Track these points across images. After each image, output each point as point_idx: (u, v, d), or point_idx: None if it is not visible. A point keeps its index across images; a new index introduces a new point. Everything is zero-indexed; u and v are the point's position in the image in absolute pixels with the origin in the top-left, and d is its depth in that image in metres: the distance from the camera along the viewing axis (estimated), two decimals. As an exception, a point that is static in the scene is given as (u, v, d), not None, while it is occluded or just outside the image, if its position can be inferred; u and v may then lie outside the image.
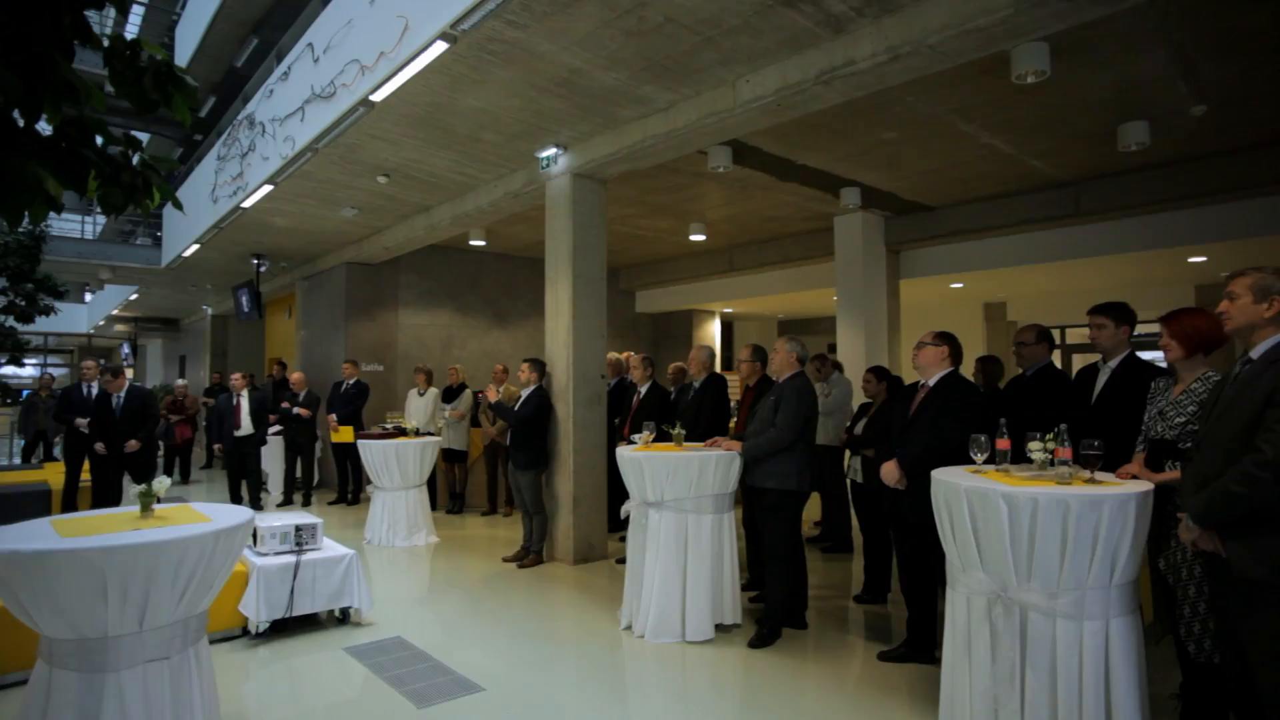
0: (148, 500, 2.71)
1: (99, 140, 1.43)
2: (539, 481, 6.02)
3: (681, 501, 4.08)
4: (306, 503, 8.74)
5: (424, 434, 7.16)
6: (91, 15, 1.41)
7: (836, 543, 6.26)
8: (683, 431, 4.54)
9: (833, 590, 5.18)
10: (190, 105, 1.51)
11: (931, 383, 3.71)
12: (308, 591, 4.21)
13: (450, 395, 8.24)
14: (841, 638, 4.24)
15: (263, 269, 10.84)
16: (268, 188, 7.52)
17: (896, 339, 9.03)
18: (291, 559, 4.19)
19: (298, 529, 4.32)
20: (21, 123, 1.23)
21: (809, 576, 4.48)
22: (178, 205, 1.57)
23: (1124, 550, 2.42)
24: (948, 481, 2.74)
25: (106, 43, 1.42)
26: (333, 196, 7.83)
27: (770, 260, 10.59)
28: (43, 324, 7.98)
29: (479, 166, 6.86)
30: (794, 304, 13.54)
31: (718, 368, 5.80)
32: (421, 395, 8.22)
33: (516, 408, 6.04)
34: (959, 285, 10.69)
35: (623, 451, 4.37)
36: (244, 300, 11.12)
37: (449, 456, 8.14)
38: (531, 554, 5.95)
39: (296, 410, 8.63)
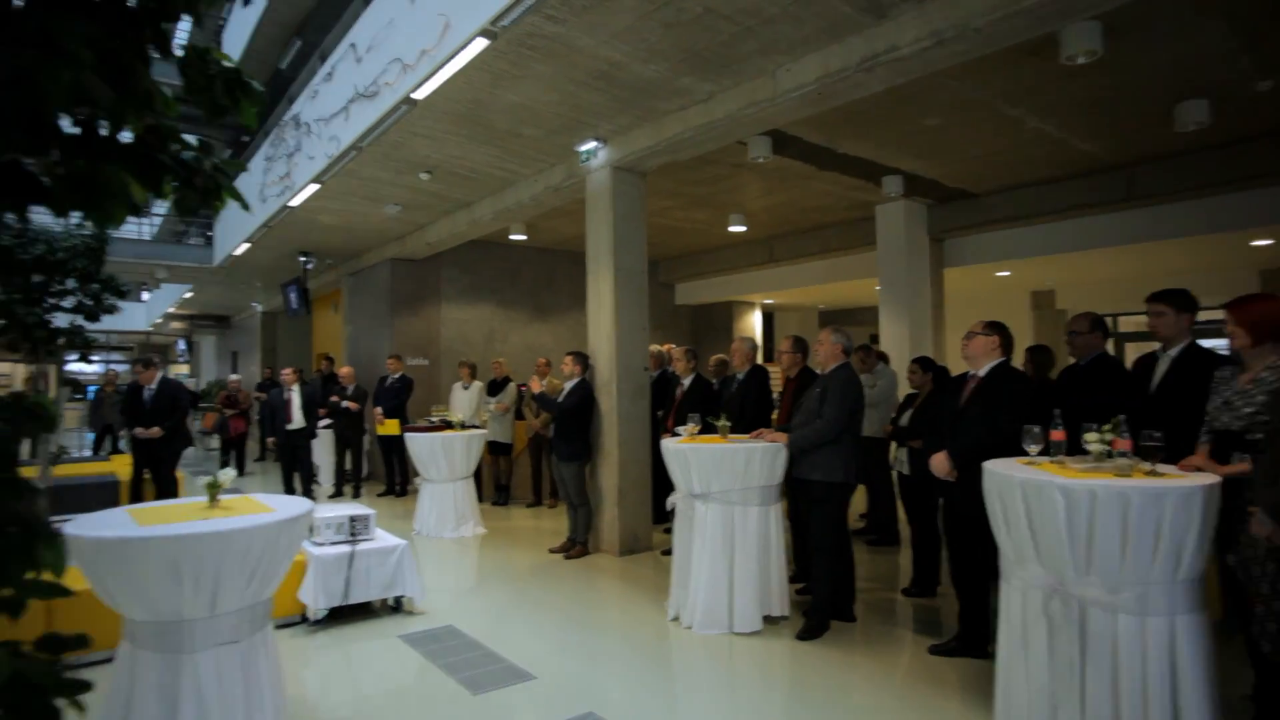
0: (214, 491, 2.82)
1: (171, 145, 1.49)
2: (582, 473, 6.08)
3: (728, 493, 4.08)
4: (356, 494, 8.94)
5: (469, 427, 7.28)
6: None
7: (882, 535, 6.21)
8: (728, 424, 4.55)
9: (879, 583, 5.14)
10: (256, 109, 1.55)
11: (982, 373, 3.65)
12: (362, 581, 4.33)
13: (495, 388, 8.36)
14: (890, 631, 4.21)
15: (310, 266, 11.09)
16: (314, 186, 7.69)
17: (941, 329, 8.88)
18: (347, 549, 4.31)
19: (352, 520, 4.44)
20: (106, 131, 1.29)
21: (855, 569, 4.46)
22: (245, 206, 1.63)
23: (1190, 545, 2.35)
24: (1001, 473, 2.70)
25: (180, 52, 1.47)
26: (377, 194, 7.97)
27: (811, 250, 10.49)
28: (105, 322, 8.33)
29: (519, 161, 6.92)
30: (835, 294, 13.40)
31: (759, 359, 5.77)
32: (466, 389, 8.35)
33: (560, 400, 6.11)
34: (1005, 274, 10.46)
35: (668, 444, 4.39)
36: (293, 297, 11.38)
37: (494, 449, 8.25)
38: (577, 545, 6.01)
39: (345, 404, 8.83)
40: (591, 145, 6.26)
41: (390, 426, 8.42)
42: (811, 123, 6.01)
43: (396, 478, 8.90)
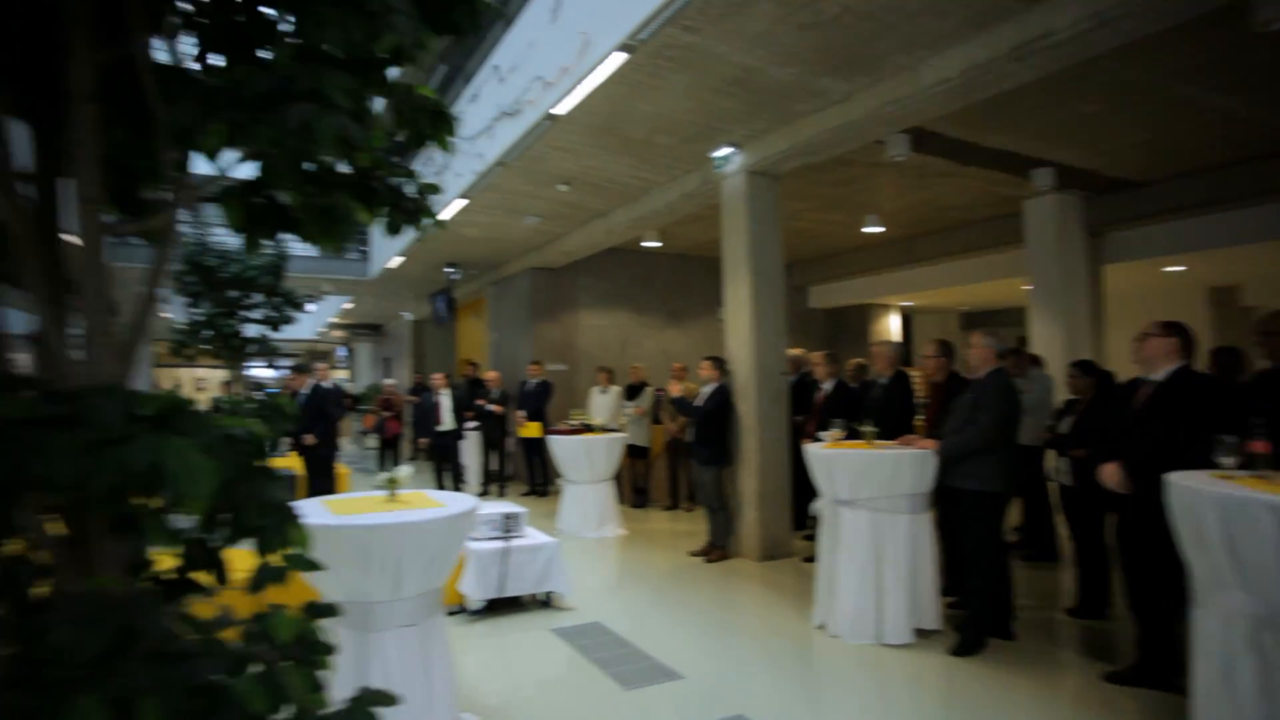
0: (394, 486, 3.08)
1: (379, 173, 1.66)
2: (721, 477, 6.11)
3: (875, 500, 3.99)
4: (501, 494, 9.39)
5: (608, 430, 7.49)
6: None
7: (1039, 550, 5.83)
8: (875, 429, 4.44)
9: (1040, 601, 4.83)
10: (450, 135, 1.70)
11: (1159, 378, 3.38)
12: (516, 575, 4.56)
13: (632, 393, 8.55)
14: (1054, 653, 3.96)
15: (455, 277, 11.76)
16: (462, 202, 8.18)
17: (1101, 330, 8.24)
18: (502, 544, 4.55)
19: (506, 517, 4.69)
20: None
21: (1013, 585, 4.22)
22: (441, 225, 1.78)
23: None
24: (1191, 487, 2.49)
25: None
26: (518, 206, 8.36)
27: (952, 250, 10.03)
28: (282, 331, 9.30)
29: (654, 170, 7.06)
30: (978, 295, 12.73)
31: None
32: (604, 393, 8.58)
33: (698, 404, 6.18)
34: (1178, 269, 9.56)
35: (812, 449, 4.34)
36: (441, 306, 12.10)
37: (631, 452, 8.41)
38: (717, 549, 6.05)
39: (490, 407, 9.30)
40: (726, 151, 6.30)
41: (532, 429, 8.79)
42: (953, 117, 5.76)
43: (537, 478, 9.28)
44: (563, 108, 5.58)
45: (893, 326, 13.71)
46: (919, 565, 4.03)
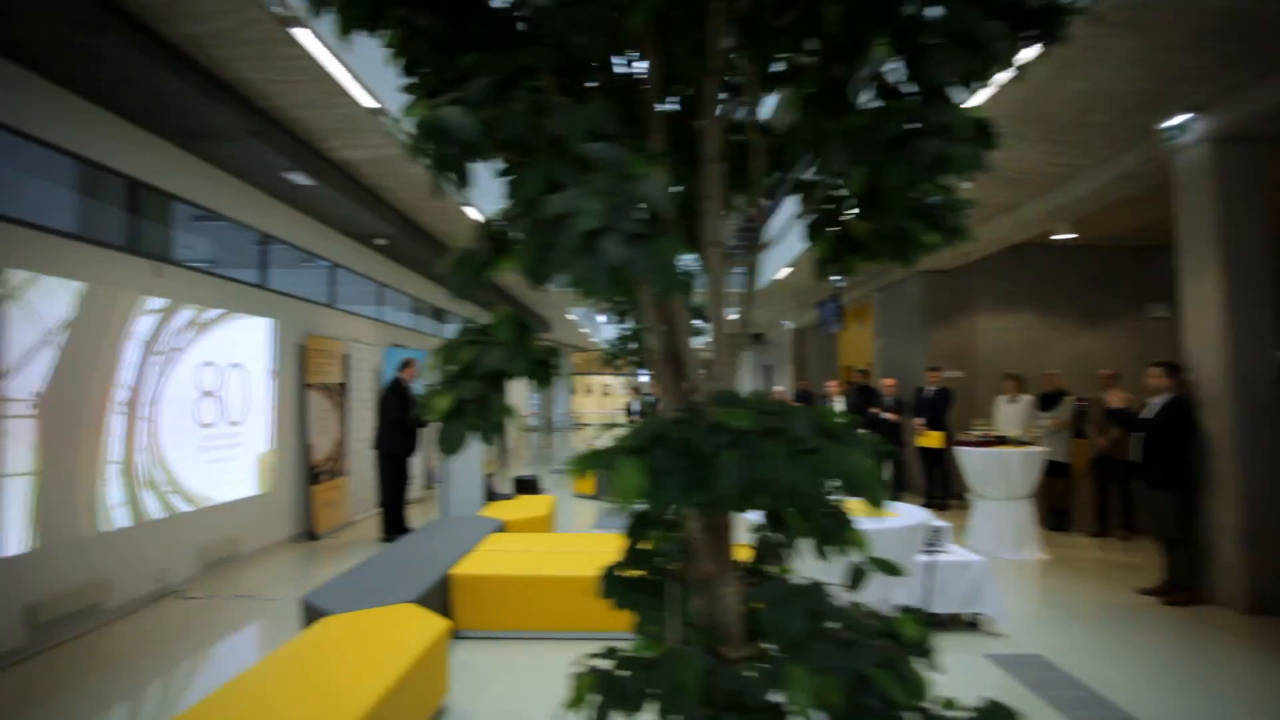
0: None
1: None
2: (1179, 505, 5.15)
3: None
4: (896, 505, 9.13)
5: (1025, 443, 6.82)
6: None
7: None
8: None
9: None
10: (992, 149, 1.65)
11: None
12: (941, 592, 4.36)
13: (1047, 402, 7.67)
14: None
15: (842, 284, 11.76)
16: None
17: None
18: (927, 559, 4.40)
19: (930, 530, 4.53)
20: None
21: None
22: (973, 239, 1.75)
23: None
24: None
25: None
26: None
27: None
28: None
29: (1079, 153, 6.27)
30: None
31: None
32: (1012, 402, 7.82)
33: (1147, 417, 5.30)
34: None
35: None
36: (830, 314, 12.18)
37: (1048, 469, 7.57)
38: (1180, 590, 5.10)
39: (885, 414, 9.10)
40: (1181, 119, 5.33)
41: (932, 438, 8.39)
42: None
43: (936, 490, 8.82)
44: (976, 99, 5.24)
45: None
46: None
